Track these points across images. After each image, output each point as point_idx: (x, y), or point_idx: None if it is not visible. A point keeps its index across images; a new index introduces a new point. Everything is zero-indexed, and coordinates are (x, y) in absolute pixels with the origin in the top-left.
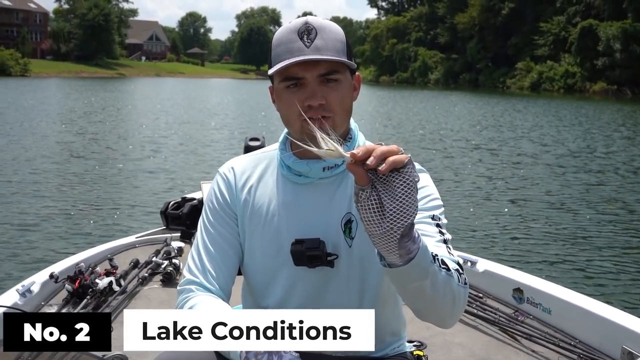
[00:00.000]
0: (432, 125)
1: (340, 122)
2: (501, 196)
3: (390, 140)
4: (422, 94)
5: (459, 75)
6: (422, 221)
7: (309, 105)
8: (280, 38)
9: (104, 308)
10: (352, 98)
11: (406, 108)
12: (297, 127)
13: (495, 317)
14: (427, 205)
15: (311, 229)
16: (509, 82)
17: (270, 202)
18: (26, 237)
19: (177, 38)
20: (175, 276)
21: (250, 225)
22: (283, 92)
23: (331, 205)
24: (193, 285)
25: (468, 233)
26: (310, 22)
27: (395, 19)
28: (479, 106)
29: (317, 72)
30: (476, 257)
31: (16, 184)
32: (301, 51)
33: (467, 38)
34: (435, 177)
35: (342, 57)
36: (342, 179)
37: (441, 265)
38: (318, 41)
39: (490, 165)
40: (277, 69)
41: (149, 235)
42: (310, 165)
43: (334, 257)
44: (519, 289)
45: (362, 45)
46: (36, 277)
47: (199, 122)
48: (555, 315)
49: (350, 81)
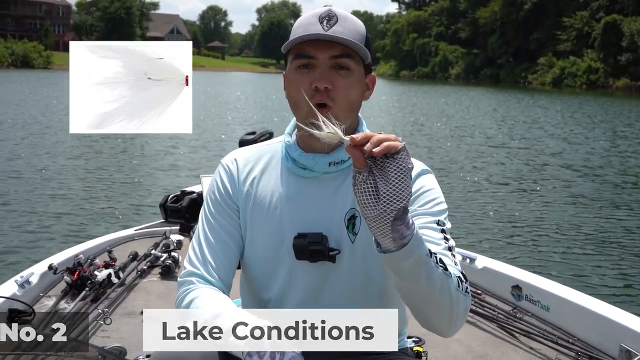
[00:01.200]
0: (453, 120)
1: (341, 114)
2: (501, 193)
3: (409, 138)
4: (443, 89)
5: (480, 71)
6: (428, 226)
7: (316, 88)
8: (301, 21)
9: (102, 300)
10: (360, 94)
11: (427, 103)
12: (304, 111)
13: (493, 314)
14: (432, 209)
15: (314, 223)
16: (530, 77)
17: (273, 194)
18: (25, 228)
19: (197, 31)
20: (174, 269)
21: (252, 217)
22: (294, 74)
23: (335, 200)
24: (194, 277)
25: (467, 229)
26: (333, 10)
27: (416, 14)
28: (500, 102)
29: (330, 54)
30: (475, 254)
31: (16, 176)
32: (318, 32)
33: (488, 33)
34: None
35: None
36: (347, 174)
37: (438, 262)
38: (337, 27)
39: (489, 161)
40: (291, 40)
41: (148, 228)
42: (317, 159)
43: (336, 252)
44: (518, 286)
45: (383, 40)
46: (35, 268)
47: (212, 115)
48: (554, 313)
49: (362, 76)
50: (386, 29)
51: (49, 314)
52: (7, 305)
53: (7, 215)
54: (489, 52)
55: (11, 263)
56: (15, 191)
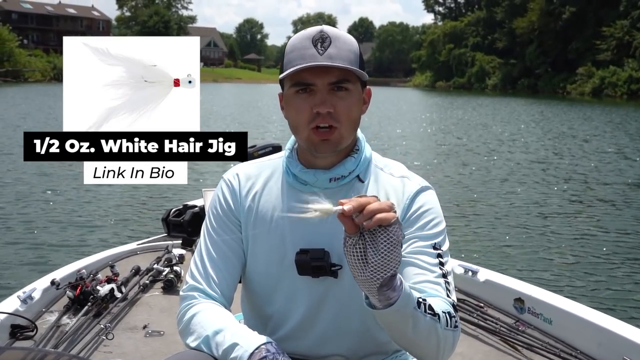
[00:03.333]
0: (490, 134)
1: (346, 133)
2: (504, 205)
3: (436, 150)
4: (480, 100)
5: (517, 81)
6: (423, 251)
7: (318, 112)
8: (294, 44)
9: (104, 315)
10: (360, 110)
11: (464, 115)
12: (305, 134)
13: (496, 326)
14: (430, 232)
15: (316, 239)
16: (569, 87)
17: (274, 209)
18: (28, 243)
19: (234, 44)
20: (176, 283)
21: (254, 232)
22: (293, 98)
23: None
24: (196, 292)
25: (469, 242)
26: (325, 31)
27: (452, 24)
28: (542, 112)
29: (328, 80)
30: (477, 267)
31: (19, 189)
32: (314, 58)
33: (526, 43)
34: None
35: (354, 67)
36: (349, 189)
37: (427, 310)
38: (331, 50)
39: (493, 173)
40: (288, 72)
41: (150, 242)
42: (317, 175)
43: (338, 268)
44: (520, 299)
45: (418, 51)
46: (37, 283)
47: (232, 127)
48: (556, 326)
49: (360, 93)
50: (422, 39)
51: (51, 329)
52: (9, 321)
53: (9, 231)
54: (526, 62)
55: (13, 278)
56: (17, 206)
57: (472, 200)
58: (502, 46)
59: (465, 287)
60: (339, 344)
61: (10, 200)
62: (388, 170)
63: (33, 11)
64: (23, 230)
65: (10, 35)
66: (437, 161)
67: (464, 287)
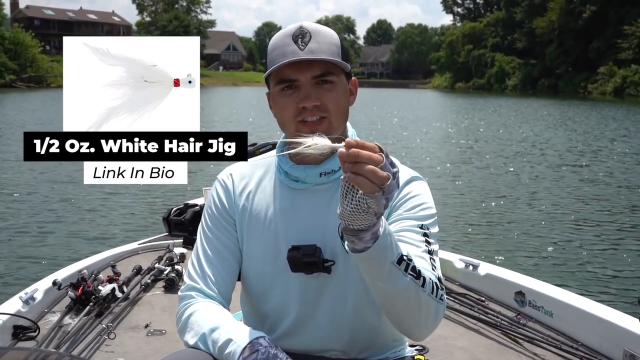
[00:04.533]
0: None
1: (336, 123)
2: (504, 200)
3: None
4: (501, 101)
5: (538, 81)
6: (410, 229)
7: (304, 107)
8: (275, 43)
9: (106, 315)
10: (348, 101)
11: (485, 116)
12: (292, 129)
13: (497, 320)
14: (417, 214)
15: (308, 235)
16: (590, 87)
17: (268, 208)
18: (29, 244)
19: (253, 48)
20: (177, 282)
21: (249, 231)
22: (278, 96)
23: (328, 211)
24: (193, 292)
25: (470, 236)
26: (304, 27)
27: (471, 25)
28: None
29: (311, 74)
30: (478, 261)
31: (19, 190)
32: (295, 54)
33: (546, 43)
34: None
35: (336, 59)
36: (339, 184)
37: (408, 270)
38: (312, 44)
39: (493, 169)
40: (271, 70)
41: (152, 242)
42: (307, 170)
43: (331, 264)
44: (521, 292)
45: (437, 52)
46: (39, 284)
47: (241, 128)
48: (557, 318)
49: (345, 84)
50: (441, 41)
51: (54, 329)
52: (12, 321)
53: (10, 232)
54: (546, 62)
55: (16, 279)
56: (18, 207)
57: (475, 195)
58: (522, 46)
59: (466, 281)
60: (336, 339)
61: (12, 201)
62: None
63: (55, 17)
64: (24, 232)
65: (33, 41)
66: (450, 158)
67: (465, 281)
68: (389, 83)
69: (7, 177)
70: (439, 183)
